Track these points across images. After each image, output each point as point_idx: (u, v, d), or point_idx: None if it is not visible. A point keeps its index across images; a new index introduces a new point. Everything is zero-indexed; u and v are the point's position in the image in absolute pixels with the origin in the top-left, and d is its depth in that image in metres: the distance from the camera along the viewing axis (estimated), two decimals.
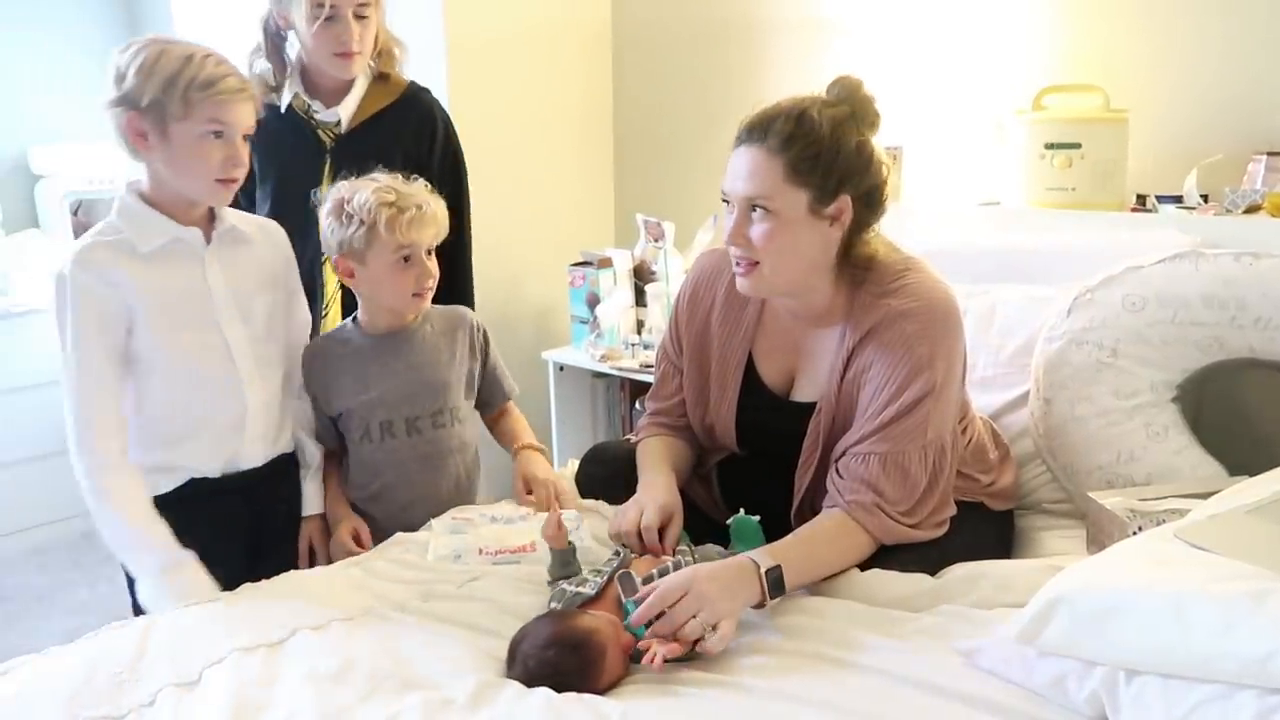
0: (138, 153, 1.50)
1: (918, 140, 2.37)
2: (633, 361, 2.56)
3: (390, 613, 1.36)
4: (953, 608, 1.32)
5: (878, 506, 1.42)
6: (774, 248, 1.42)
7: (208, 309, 1.56)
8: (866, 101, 1.45)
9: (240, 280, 1.60)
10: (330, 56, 1.87)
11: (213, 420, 1.58)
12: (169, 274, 1.53)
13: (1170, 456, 1.63)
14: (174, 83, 1.44)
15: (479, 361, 1.84)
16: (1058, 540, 1.64)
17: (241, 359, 1.59)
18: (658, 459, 1.64)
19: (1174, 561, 1.12)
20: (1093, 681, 1.08)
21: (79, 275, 1.48)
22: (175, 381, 1.55)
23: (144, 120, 1.46)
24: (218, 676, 1.19)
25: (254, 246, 1.64)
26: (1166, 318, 1.66)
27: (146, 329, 1.51)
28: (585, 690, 1.19)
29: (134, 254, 1.51)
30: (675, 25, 2.86)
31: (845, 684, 1.16)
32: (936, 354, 1.43)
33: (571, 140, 2.98)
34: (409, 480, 1.74)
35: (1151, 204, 2.05)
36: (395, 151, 1.93)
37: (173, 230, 1.53)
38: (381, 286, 1.69)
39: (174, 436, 1.57)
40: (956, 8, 2.35)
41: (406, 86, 2.01)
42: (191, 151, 1.47)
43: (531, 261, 2.88)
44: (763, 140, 1.40)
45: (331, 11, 1.82)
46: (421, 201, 1.67)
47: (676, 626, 1.24)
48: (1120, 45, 2.15)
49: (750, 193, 1.41)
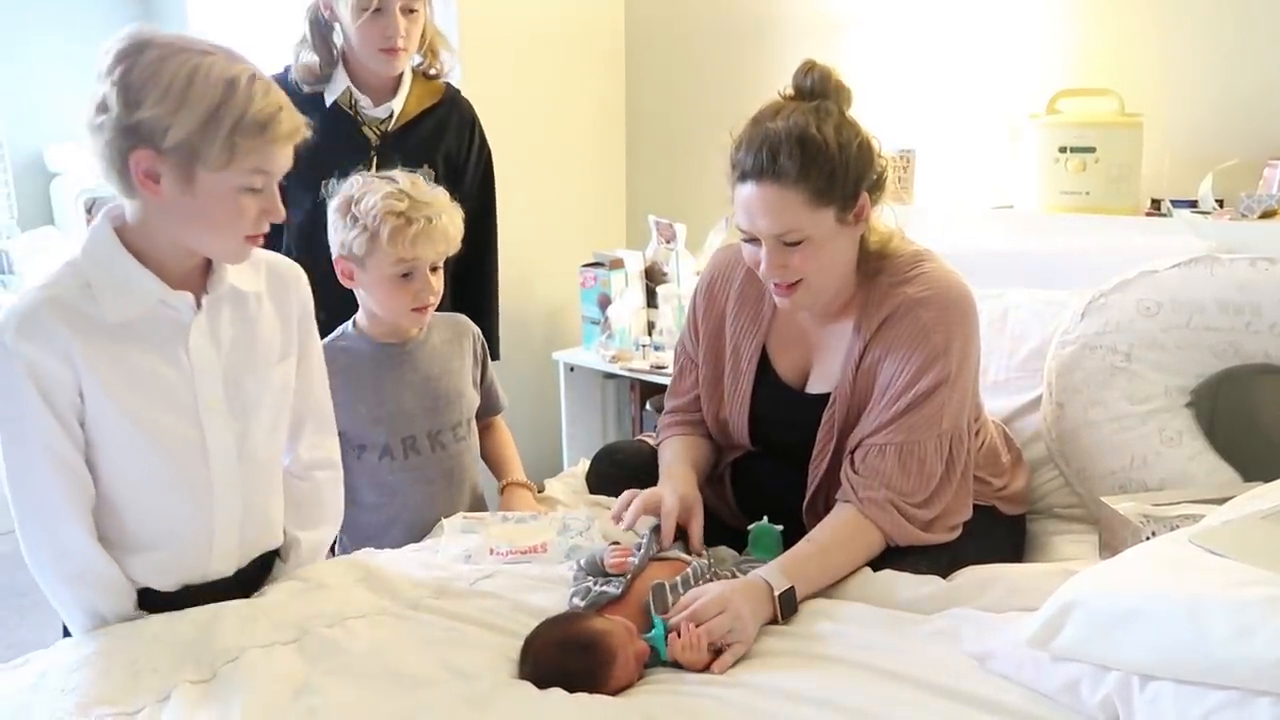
0: (136, 193, 1.15)
1: (931, 143, 2.36)
2: (644, 363, 2.56)
3: (404, 611, 1.36)
4: (964, 611, 1.32)
5: (891, 503, 1.42)
6: (817, 265, 1.42)
7: (183, 395, 1.22)
8: (840, 87, 1.42)
9: (232, 357, 1.26)
10: (375, 52, 1.84)
11: (173, 534, 1.27)
12: (140, 350, 1.19)
13: (1184, 462, 1.62)
14: (216, 122, 1.10)
15: (481, 371, 1.79)
16: (1070, 545, 1.63)
17: (218, 460, 1.25)
18: (679, 456, 1.64)
19: (1188, 566, 1.12)
20: (1106, 686, 1.07)
21: (22, 346, 1.13)
22: (132, 480, 1.23)
23: (162, 162, 1.12)
24: (232, 673, 1.19)
25: (256, 308, 1.29)
26: (1181, 322, 1.65)
27: (100, 413, 1.18)
28: (594, 693, 1.19)
29: (97, 320, 1.16)
30: (688, 26, 2.86)
31: (856, 686, 1.16)
32: (952, 342, 1.43)
33: (584, 141, 2.98)
34: (432, 499, 1.67)
35: (1166, 208, 2.04)
36: (438, 152, 1.93)
37: (157, 293, 1.18)
38: (378, 297, 1.60)
39: (123, 541, 1.25)
40: (970, 10, 2.35)
41: (446, 88, 2.01)
42: (222, 206, 1.15)
43: (543, 262, 2.89)
44: (774, 175, 1.36)
45: (380, 4, 1.79)
46: (434, 214, 1.56)
47: (715, 640, 1.25)
48: (1135, 49, 2.15)
49: (778, 231, 1.39)
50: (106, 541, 1.25)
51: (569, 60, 2.89)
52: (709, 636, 1.25)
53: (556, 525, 1.62)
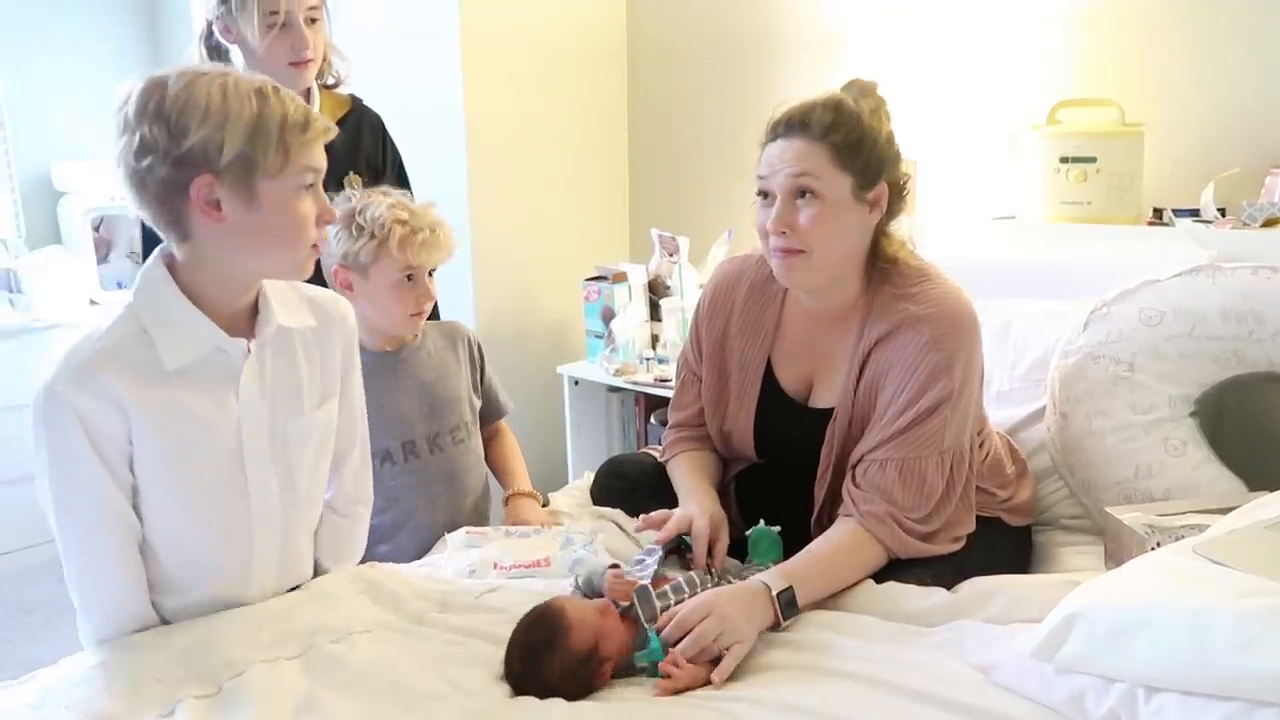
0: (192, 232, 1.15)
1: (933, 154, 2.36)
2: (647, 376, 2.56)
3: (408, 625, 1.36)
4: (968, 623, 1.31)
5: (891, 517, 1.42)
6: (821, 233, 1.42)
7: (229, 439, 1.23)
8: (883, 100, 1.48)
9: (278, 401, 1.26)
10: (285, 66, 1.82)
11: (211, 576, 1.28)
12: (192, 394, 1.19)
13: (1189, 471, 1.62)
14: (264, 128, 1.12)
15: (479, 373, 1.83)
16: (1075, 556, 1.63)
17: (259, 503, 1.27)
18: (695, 474, 1.64)
19: (1193, 577, 1.11)
20: (1111, 698, 1.07)
21: (74, 396, 1.12)
22: (175, 523, 1.23)
23: (221, 184, 1.12)
24: (237, 688, 1.19)
25: (302, 348, 1.30)
26: (1184, 331, 1.65)
27: (147, 460, 1.18)
28: (564, 667, 1.21)
29: (151, 369, 1.16)
30: (691, 39, 2.88)
31: (859, 699, 1.16)
32: (955, 360, 1.43)
33: (586, 154, 2.99)
34: (433, 503, 1.71)
35: (1168, 218, 2.04)
36: (359, 160, 1.96)
37: (213, 339, 1.19)
38: (379, 304, 1.66)
39: (165, 583, 1.27)
40: (971, 22, 2.35)
41: (352, 98, 2.02)
42: (286, 212, 1.16)
43: (546, 276, 2.89)
44: (804, 129, 1.42)
45: (286, 18, 1.78)
46: (434, 224, 1.66)
47: (701, 647, 1.25)
48: (1135, 59, 2.15)
49: (799, 171, 1.41)
50: (149, 582, 1.26)
51: (571, 74, 2.91)
52: (698, 643, 1.25)
53: (560, 539, 1.62)
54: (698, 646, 1.25)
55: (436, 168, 2.17)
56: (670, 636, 1.27)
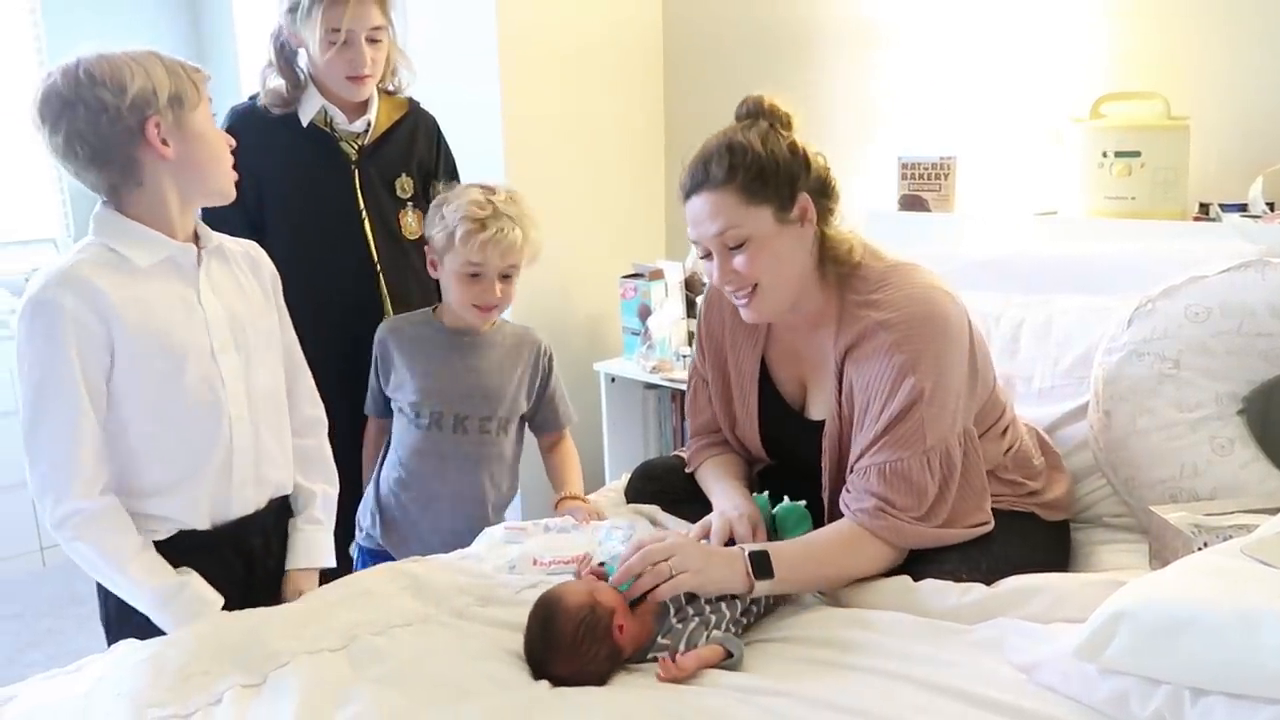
0: (143, 179, 1.32)
1: (973, 149, 2.35)
2: (684, 373, 2.56)
3: (448, 619, 1.38)
4: (1008, 620, 1.30)
5: (881, 510, 1.43)
6: (763, 267, 1.46)
7: (200, 336, 1.38)
8: (774, 109, 1.50)
9: (233, 303, 1.43)
10: (343, 80, 1.87)
11: (197, 466, 1.39)
12: (162, 296, 1.36)
13: (1236, 470, 1.59)
14: (173, 71, 1.32)
15: (540, 383, 1.86)
16: (1119, 554, 1.61)
17: (232, 394, 1.41)
18: (724, 477, 1.66)
19: (1241, 577, 1.10)
20: (1157, 700, 1.05)
21: (64, 298, 1.28)
22: (159, 422, 1.36)
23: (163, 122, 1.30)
24: (282, 679, 1.21)
25: (241, 266, 1.49)
26: (1231, 328, 1.62)
27: (130, 361, 1.33)
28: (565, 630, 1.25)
29: (125, 273, 1.33)
30: (727, 36, 2.87)
31: (897, 697, 1.15)
32: (920, 360, 1.43)
33: (623, 152, 3.00)
34: (442, 474, 1.79)
35: (1215, 212, 2.00)
36: (412, 162, 2.00)
37: (167, 245, 1.36)
38: (449, 289, 1.78)
39: (155, 485, 1.38)
40: (1013, 13, 2.33)
41: (409, 101, 2.05)
42: (210, 135, 1.36)
43: (583, 272, 2.91)
44: (707, 181, 1.46)
45: (348, 37, 1.82)
46: (509, 225, 1.71)
47: (649, 563, 1.32)
48: (1180, 51, 2.12)
49: (719, 229, 1.46)
50: (138, 490, 1.37)
51: (607, 72, 2.92)
52: (645, 559, 1.32)
53: (599, 534, 1.63)
54: (644, 561, 1.32)
55: (474, 166, 2.19)
56: (633, 565, 1.33)
